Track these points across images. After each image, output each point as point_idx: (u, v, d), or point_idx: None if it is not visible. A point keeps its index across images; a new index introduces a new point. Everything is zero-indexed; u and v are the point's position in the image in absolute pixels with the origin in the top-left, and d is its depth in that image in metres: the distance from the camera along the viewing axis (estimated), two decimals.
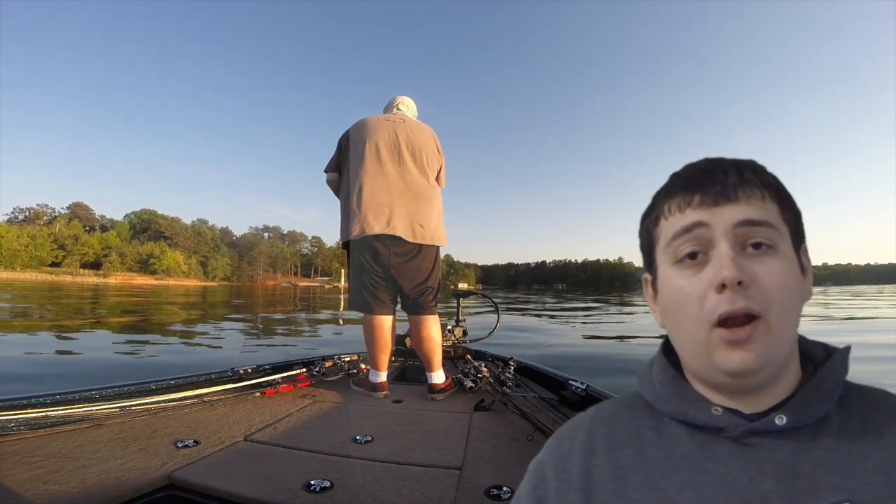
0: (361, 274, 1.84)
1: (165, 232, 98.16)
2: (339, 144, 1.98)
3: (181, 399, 1.51)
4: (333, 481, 0.97)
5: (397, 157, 1.86)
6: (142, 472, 0.97)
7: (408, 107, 2.11)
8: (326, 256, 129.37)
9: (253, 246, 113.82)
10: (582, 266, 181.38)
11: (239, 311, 11.66)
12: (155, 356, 4.57)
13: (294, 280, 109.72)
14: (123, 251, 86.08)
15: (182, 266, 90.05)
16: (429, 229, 1.87)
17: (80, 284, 41.48)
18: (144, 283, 63.79)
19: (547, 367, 1.98)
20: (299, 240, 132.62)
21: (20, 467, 0.97)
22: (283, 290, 52.98)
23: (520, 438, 1.27)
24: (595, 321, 10.05)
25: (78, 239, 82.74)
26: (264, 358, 3.32)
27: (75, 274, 71.77)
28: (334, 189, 2.04)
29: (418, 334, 1.88)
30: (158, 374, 1.65)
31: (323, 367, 2.06)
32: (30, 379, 3.39)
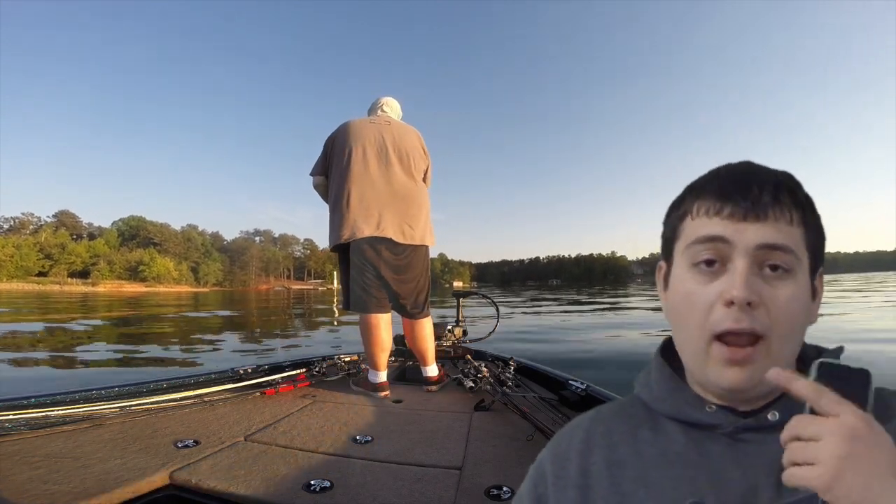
0: (355, 274, 1.86)
1: (155, 238, 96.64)
2: (324, 148, 1.99)
3: (181, 399, 1.51)
4: (333, 481, 0.97)
5: (385, 161, 1.88)
6: (142, 472, 0.97)
7: (392, 108, 2.12)
8: (319, 259, 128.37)
9: (244, 250, 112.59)
10: (575, 261, 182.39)
11: (234, 327, 10.57)
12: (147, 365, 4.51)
13: (287, 283, 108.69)
14: (112, 259, 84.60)
15: (172, 272, 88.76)
16: (418, 230, 1.90)
17: (68, 293, 40.75)
18: (134, 291, 62.89)
19: (547, 367, 2.00)
20: (291, 243, 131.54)
21: (20, 467, 0.97)
22: (277, 293, 52.68)
23: (520, 438, 1.27)
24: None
25: (65, 248, 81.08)
26: (264, 358, 3.31)
27: (63, 283, 70.24)
28: (321, 193, 2.05)
29: (412, 334, 1.94)
30: (158, 374, 1.64)
31: (323, 367, 2.06)
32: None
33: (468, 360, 2.17)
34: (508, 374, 1.88)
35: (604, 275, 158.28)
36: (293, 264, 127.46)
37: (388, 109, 2.09)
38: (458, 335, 2.49)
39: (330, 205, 1.96)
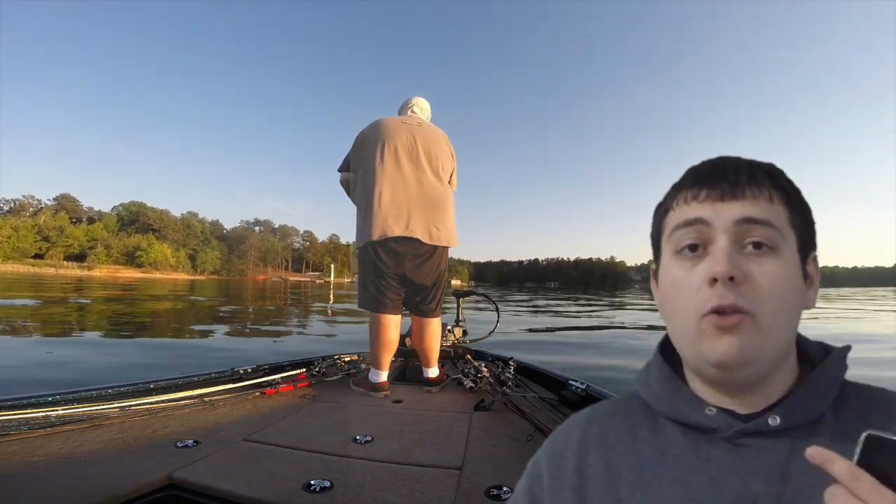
0: (377, 274, 1.87)
1: (154, 224, 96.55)
2: (354, 144, 1.99)
3: (181, 399, 1.50)
4: (333, 481, 0.97)
5: (415, 162, 1.90)
6: (142, 472, 0.97)
7: (422, 109, 2.13)
8: (318, 251, 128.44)
9: (243, 240, 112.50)
10: (574, 264, 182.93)
11: (229, 321, 9.76)
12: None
13: (284, 275, 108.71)
14: (109, 243, 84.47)
15: (170, 259, 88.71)
16: (444, 231, 1.92)
17: (63, 277, 40.56)
18: (130, 276, 62.78)
19: (547, 367, 1.99)
20: (291, 234, 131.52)
21: (20, 467, 0.96)
22: (274, 284, 52.55)
23: (520, 438, 1.27)
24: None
25: (63, 230, 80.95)
26: (264, 358, 3.31)
27: (58, 266, 70.25)
28: (348, 189, 2.04)
29: (422, 333, 1.94)
30: (158, 374, 1.63)
31: (323, 367, 2.05)
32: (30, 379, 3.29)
33: (468, 360, 2.16)
34: (508, 374, 1.88)
35: (602, 279, 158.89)
36: (291, 255, 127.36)
37: (417, 110, 2.10)
38: (458, 335, 2.49)
39: (359, 202, 1.93)
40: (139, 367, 3.82)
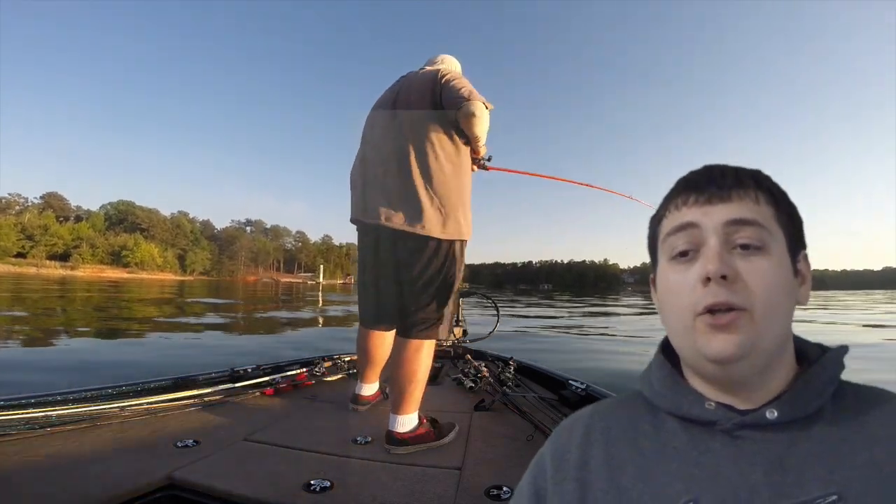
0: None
1: (142, 223, 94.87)
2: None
3: (181, 399, 1.49)
4: (333, 481, 0.97)
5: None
6: (142, 472, 0.97)
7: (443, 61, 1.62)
8: (310, 252, 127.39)
9: (234, 240, 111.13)
10: (567, 267, 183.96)
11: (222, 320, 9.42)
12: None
13: (276, 275, 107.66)
14: (95, 242, 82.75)
15: (157, 259, 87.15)
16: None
17: (45, 277, 39.44)
18: (115, 276, 61.56)
19: (547, 367, 2.01)
20: (282, 234, 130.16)
21: (20, 467, 0.96)
22: (265, 285, 52.04)
23: (520, 438, 1.28)
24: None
25: (47, 229, 79.11)
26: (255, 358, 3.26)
27: (40, 266, 68.46)
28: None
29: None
30: (158, 374, 1.61)
31: (323, 367, 2.04)
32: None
33: (468, 360, 2.17)
34: (508, 374, 1.88)
35: (595, 282, 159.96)
36: (283, 256, 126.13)
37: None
38: (458, 335, 2.49)
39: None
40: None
